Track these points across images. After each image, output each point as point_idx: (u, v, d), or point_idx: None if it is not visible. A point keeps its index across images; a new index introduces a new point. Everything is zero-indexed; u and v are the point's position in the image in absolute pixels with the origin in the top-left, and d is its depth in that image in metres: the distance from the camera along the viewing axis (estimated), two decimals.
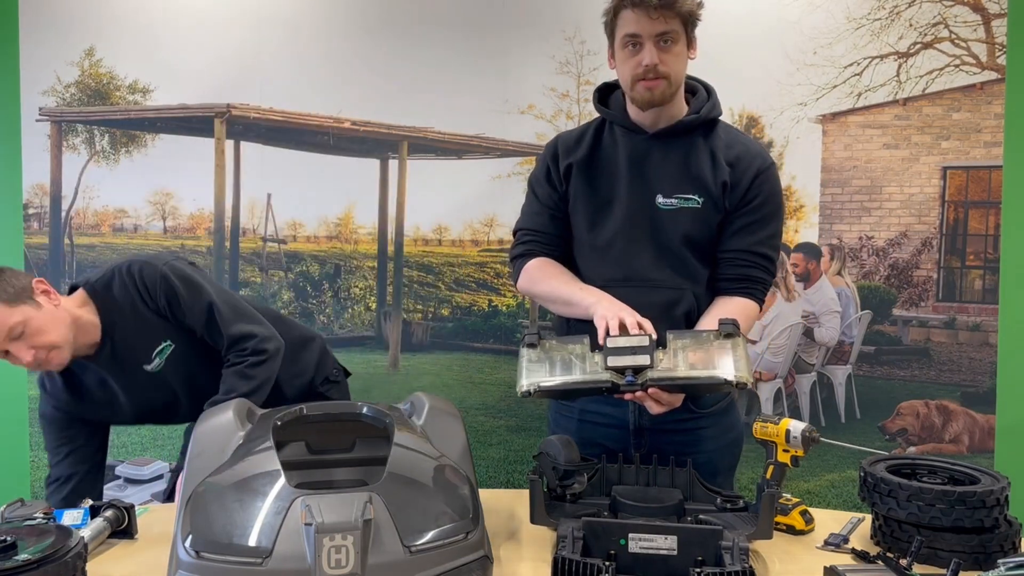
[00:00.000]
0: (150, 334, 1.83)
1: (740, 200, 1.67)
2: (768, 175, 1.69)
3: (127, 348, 1.83)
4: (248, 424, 1.43)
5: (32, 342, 1.68)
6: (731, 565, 1.21)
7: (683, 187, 1.68)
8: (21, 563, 1.08)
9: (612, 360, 1.42)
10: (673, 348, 1.44)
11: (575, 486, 1.46)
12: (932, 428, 3.01)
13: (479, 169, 3.10)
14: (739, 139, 1.73)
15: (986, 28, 2.90)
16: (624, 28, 1.62)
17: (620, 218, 1.70)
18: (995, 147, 2.93)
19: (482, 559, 1.22)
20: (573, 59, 3.00)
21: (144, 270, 1.80)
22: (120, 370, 1.85)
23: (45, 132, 3.05)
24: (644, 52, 1.60)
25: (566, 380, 1.44)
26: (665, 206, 1.68)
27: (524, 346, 1.49)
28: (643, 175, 1.70)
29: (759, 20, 2.90)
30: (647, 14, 1.57)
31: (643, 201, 1.69)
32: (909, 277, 3.01)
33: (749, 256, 1.69)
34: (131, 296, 1.80)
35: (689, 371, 1.41)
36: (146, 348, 1.84)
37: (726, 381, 1.38)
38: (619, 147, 1.73)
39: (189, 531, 1.15)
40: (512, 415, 3.11)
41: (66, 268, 3.09)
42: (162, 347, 1.83)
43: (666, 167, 1.69)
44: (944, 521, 1.34)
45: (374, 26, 3.02)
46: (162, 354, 1.84)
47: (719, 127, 1.73)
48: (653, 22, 1.58)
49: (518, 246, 1.81)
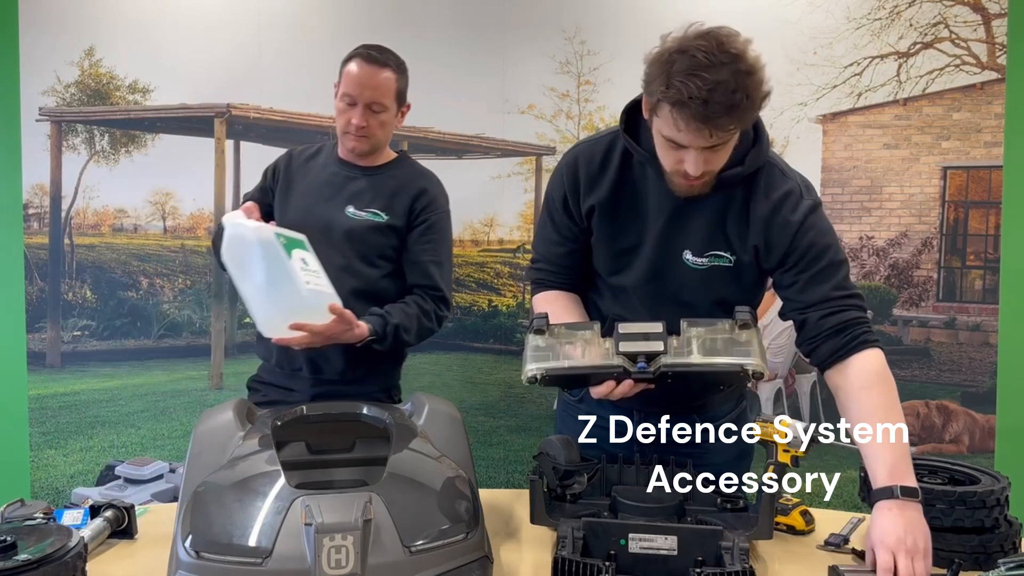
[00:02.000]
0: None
1: (788, 256, 1.47)
2: (811, 223, 1.46)
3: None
4: (248, 424, 1.43)
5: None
6: (731, 565, 1.21)
7: (714, 243, 1.50)
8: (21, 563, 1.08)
9: (624, 346, 1.38)
10: (687, 336, 1.39)
11: (575, 486, 1.46)
12: (932, 428, 3.00)
13: (479, 169, 3.10)
14: (779, 186, 1.48)
15: (986, 28, 2.90)
16: (665, 129, 1.34)
17: (643, 269, 1.54)
18: (995, 147, 2.92)
19: (482, 559, 1.22)
20: (573, 59, 3.00)
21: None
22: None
23: (45, 132, 3.05)
24: (687, 158, 1.36)
25: (574, 365, 1.39)
26: (694, 265, 1.51)
27: (531, 332, 1.43)
28: (672, 227, 1.51)
29: (759, 20, 2.90)
30: (699, 133, 1.29)
31: (670, 255, 1.52)
32: (909, 277, 3.01)
33: (835, 302, 1.45)
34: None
35: (704, 358, 1.37)
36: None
37: (742, 368, 1.34)
38: (649, 187, 1.51)
39: (189, 531, 1.15)
40: (512, 415, 3.11)
41: (66, 268, 3.09)
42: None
43: (698, 221, 1.50)
44: (944, 521, 1.34)
45: (374, 26, 3.02)
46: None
47: (763, 168, 1.49)
48: (706, 140, 1.31)
49: (533, 272, 1.69)
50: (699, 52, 1.26)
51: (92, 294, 3.09)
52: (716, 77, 1.24)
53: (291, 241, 1.70)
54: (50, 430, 3.06)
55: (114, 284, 3.10)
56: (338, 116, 1.88)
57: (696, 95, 1.24)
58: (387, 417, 1.48)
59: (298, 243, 1.71)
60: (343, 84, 1.86)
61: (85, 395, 3.10)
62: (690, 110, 1.26)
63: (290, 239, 1.70)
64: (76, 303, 3.09)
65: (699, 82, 1.24)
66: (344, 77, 1.86)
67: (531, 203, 3.10)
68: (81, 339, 3.09)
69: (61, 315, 3.08)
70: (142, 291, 3.11)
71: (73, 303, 3.09)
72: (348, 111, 1.85)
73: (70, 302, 3.08)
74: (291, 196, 1.96)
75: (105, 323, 3.10)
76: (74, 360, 3.10)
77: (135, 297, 3.11)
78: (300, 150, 2.03)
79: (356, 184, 1.93)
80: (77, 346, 3.09)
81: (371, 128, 1.86)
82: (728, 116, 1.27)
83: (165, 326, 3.11)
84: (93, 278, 3.09)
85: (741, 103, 1.27)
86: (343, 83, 1.86)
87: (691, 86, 1.24)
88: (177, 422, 3.07)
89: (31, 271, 3.08)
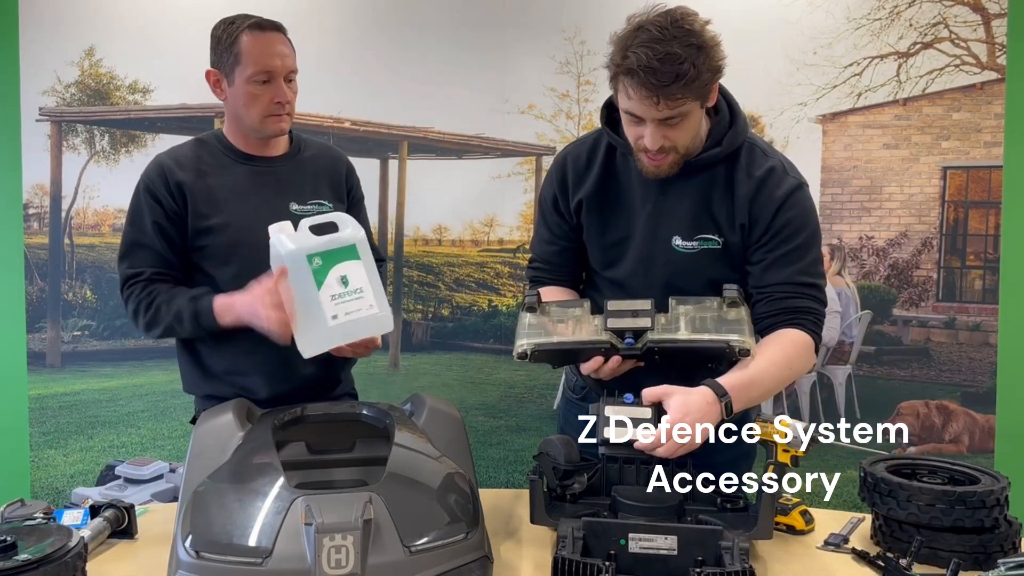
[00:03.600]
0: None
1: (765, 232, 1.49)
2: (794, 200, 1.48)
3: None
4: (248, 424, 1.43)
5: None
6: (731, 565, 1.21)
7: (702, 227, 1.51)
8: (21, 563, 1.08)
9: (612, 322, 1.40)
10: (675, 313, 1.42)
11: (575, 486, 1.46)
12: (932, 428, 3.01)
13: (479, 169, 3.10)
14: (762, 161, 1.51)
15: (986, 28, 2.90)
16: (622, 101, 1.39)
17: (635, 259, 1.56)
18: (995, 147, 2.92)
19: (482, 559, 1.22)
20: (573, 59, 3.00)
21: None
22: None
23: (45, 132, 3.05)
24: (646, 133, 1.39)
25: (563, 340, 1.42)
26: (684, 249, 1.52)
27: (523, 309, 1.46)
28: (659, 214, 1.53)
29: (759, 20, 2.90)
30: (649, 99, 1.34)
31: (659, 242, 1.54)
32: (909, 277, 3.01)
33: (792, 287, 1.48)
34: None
35: (691, 335, 1.39)
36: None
37: (728, 345, 1.36)
38: (632, 177, 1.55)
39: (189, 531, 1.15)
40: (512, 415, 3.11)
41: (66, 268, 3.09)
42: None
43: (683, 205, 1.52)
44: (944, 521, 1.34)
45: (374, 27, 3.02)
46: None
47: (742, 149, 1.52)
48: (656, 109, 1.35)
49: (530, 271, 1.74)
50: (654, 27, 1.33)
51: (92, 294, 3.09)
52: (666, 49, 1.31)
53: (331, 256, 1.52)
54: (50, 430, 3.06)
55: (114, 284, 3.08)
56: (249, 101, 1.65)
57: (645, 63, 1.30)
58: (387, 417, 1.48)
59: (343, 255, 1.53)
60: (249, 63, 1.63)
61: (85, 395, 3.10)
62: (639, 78, 1.32)
63: (330, 254, 1.52)
64: (76, 303, 3.09)
65: (650, 52, 1.30)
66: (246, 55, 1.63)
67: (531, 203, 3.10)
68: (81, 339, 3.09)
69: (61, 315, 3.08)
70: None
71: (73, 303, 3.09)
72: (265, 90, 1.64)
73: (70, 302, 3.09)
74: (215, 215, 1.69)
75: (105, 323, 3.10)
76: (74, 360, 3.10)
77: None
78: (170, 164, 1.72)
79: (283, 176, 1.75)
80: (77, 346, 3.09)
81: (292, 103, 1.69)
82: (675, 84, 1.31)
83: None
84: (93, 278, 3.10)
85: (688, 73, 1.31)
86: (247, 62, 1.63)
87: (641, 55, 1.31)
88: (177, 422, 3.07)
89: (31, 271, 3.08)
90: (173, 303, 1.64)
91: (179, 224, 1.69)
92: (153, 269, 1.69)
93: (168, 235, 1.69)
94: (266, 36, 1.66)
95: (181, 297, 1.64)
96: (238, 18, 1.67)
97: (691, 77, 1.32)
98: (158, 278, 1.69)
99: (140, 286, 1.68)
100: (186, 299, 1.63)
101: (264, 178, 1.74)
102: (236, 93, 1.67)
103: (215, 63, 1.70)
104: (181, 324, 1.63)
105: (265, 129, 1.70)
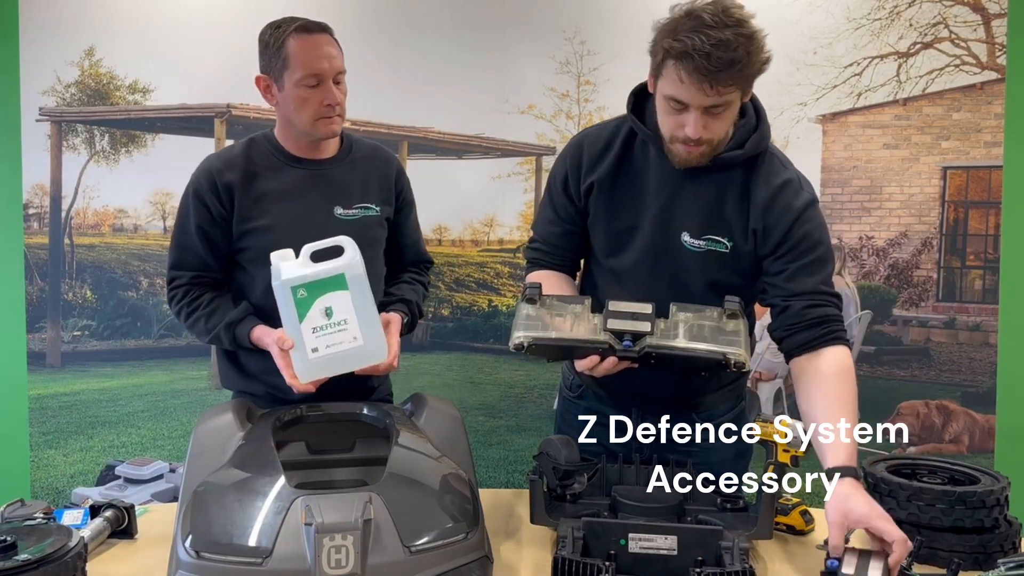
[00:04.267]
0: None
1: (783, 243, 1.50)
2: (811, 214, 1.50)
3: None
4: (248, 424, 1.43)
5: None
6: (731, 565, 1.21)
7: (712, 227, 1.52)
8: (21, 563, 1.08)
9: (612, 323, 1.39)
10: (675, 319, 1.41)
11: (575, 486, 1.46)
12: (932, 428, 3.00)
13: (479, 169, 3.10)
14: (779, 172, 1.52)
15: (986, 28, 2.90)
16: (670, 88, 1.39)
17: (640, 250, 1.57)
18: (995, 147, 2.92)
19: (482, 559, 1.22)
20: (573, 59, 3.00)
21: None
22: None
23: (45, 132, 3.05)
24: (688, 120, 1.40)
25: (561, 336, 1.41)
26: (692, 247, 1.53)
27: (523, 300, 1.45)
28: (671, 208, 1.54)
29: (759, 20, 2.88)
30: (701, 87, 1.35)
31: (668, 237, 1.54)
32: (909, 277, 3.01)
33: (819, 296, 1.49)
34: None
35: (688, 343, 1.38)
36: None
37: (724, 357, 1.35)
38: (650, 167, 1.55)
39: (189, 531, 1.15)
40: (512, 415, 3.11)
41: (66, 268, 3.09)
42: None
43: (697, 202, 1.53)
44: (944, 521, 1.35)
45: (374, 27, 3.02)
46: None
47: (763, 156, 1.53)
48: (706, 96, 1.36)
49: (529, 251, 1.73)
50: (705, 14, 1.34)
51: (92, 294, 3.09)
52: (719, 35, 1.32)
53: (316, 287, 1.49)
54: (50, 430, 3.06)
55: (114, 284, 3.10)
56: (300, 105, 1.64)
57: (700, 48, 1.31)
58: (387, 417, 1.48)
59: (329, 285, 1.50)
60: (297, 67, 1.62)
61: (85, 395, 3.10)
62: (693, 62, 1.32)
63: (316, 284, 1.49)
64: (76, 303, 3.09)
65: (703, 37, 1.32)
66: (294, 59, 1.62)
67: (531, 203, 3.10)
68: (81, 339, 3.09)
69: (61, 315, 3.08)
70: (142, 291, 3.11)
71: (73, 303, 3.09)
72: (314, 93, 1.63)
73: (70, 302, 3.09)
74: (260, 217, 1.69)
75: (105, 323, 3.10)
76: (74, 360, 3.10)
77: (135, 297, 3.11)
78: (219, 166, 1.72)
79: (331, 180, 1.74)
80: (77, 346, 3.09)
81: (343, 104, 1.68)
82: (728, 71, 1.33)
83: (165, 326, 3.11)
84: (93, 278, 3.10)
85: (742, 60, 1.34)
86: (296, 65, 1.62)
87: (696, 40, 1.32)
88: (177, 422, 3.08)
89: (31, 271, 3.08)
90: (212, 319, 1.69)
91: (224, 227, 1.71)
92: (193, 273, 1.73)
93: (211, 240, 1.71)
94: (313, 38, 1.64)
95: (219, 315, 1.69)
96: (284, 21, 1.66)
97: (744, 65, 1.35)
98: (198, 282, 1.73)
99: (181, 291, 1.73)
100: (224, 324, 1.67)
101: (312, 181, 1.73)
102: (286, 97, 1.66)
103: (264, 68, 1.69)
104: (220, 343, 1.71)
105: (317, 132, 1.69)
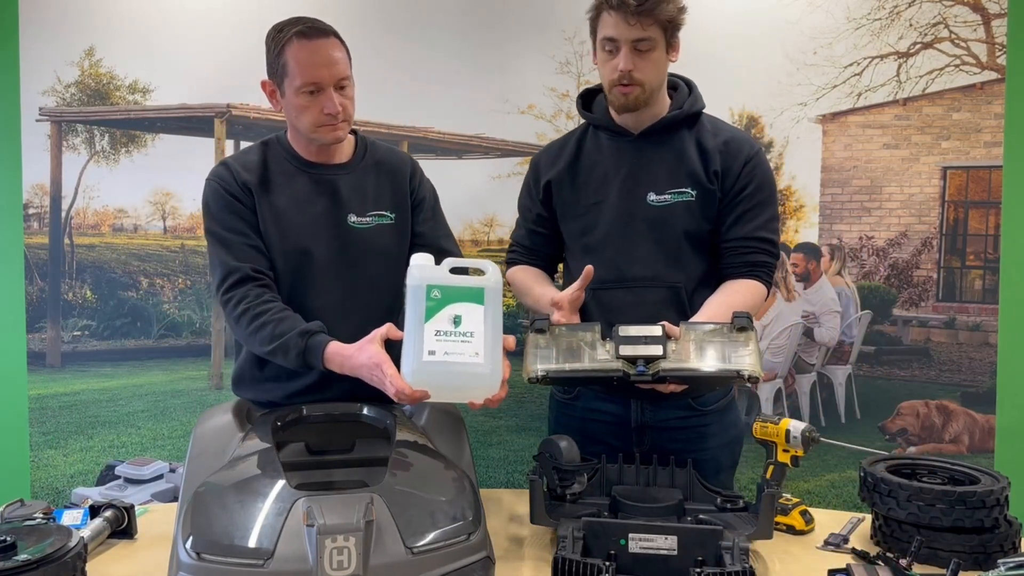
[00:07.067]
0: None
1: (733, 187, 1.70)
2: (758, 160, 1.72)
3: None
4: (248, 424, 1.43)
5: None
6: (731, 565, 1.21)
7: (675, 182, 1.70)
8: (21, 563, 1.08)
9: (624, 349, 1.41)
10: (686, 339, 1.43)
11: (575, 486, 1.46)
12: (932, 428, 3.01)
13: (479, 169, 3.09)
14: (724, 128, 1.77)
15: (986, 28, 2.90)
16: (603, 31, 1.66)
17: (610, 219, 1.72)
18: (995, 147, 2.92)
19: (484, 560, 1.22)
20: (573, 59, 3.00)
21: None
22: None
23: (45, 132, 3.05)
24: (619, 57, 1.63)
25: (576, 368, 1.43)
26: (659, 203, 1.70)
27: (532, 331, 1.47)
28: (633, 176, 1.72)
29: (759, 20, 2.90)
30: (625, 19, 1.60)
31: (634, 201, 1.71)
32: (909, 277, 3.01)
33: (752, 242, 1.71)
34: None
35: (701, 363, 1.41)
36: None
37: (739, 374, 1.37)
38: (604, 151, 1.76)
39: (190, 532, 1.15)
40: (512, 415, 3.11)
41: (66, 268, 3.09)
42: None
43: (656, 165, 1.72)
44: (944, 521, 1.35)
45: (373, 27, 3.02)
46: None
47: (703, 119, 1.76)
48: (630, 28, 1.60)
49: (508, 253, 1.95)
50: None
51: (92, 294, 3.09)
52: None
53: (452, 293, 1.40)
54: (50, 430, 3.06)
55: (114, 284, 3.10)
56: (299, 112, 1.60)
57: None
58: (387, 417, 1.48)
59: (465, 295, 1.40)
60: (296, 74, 1.57)
61: (85, 395, 3.10)
62: (615, 3, 1.60)
63: (452, 291, 1.40)
64: (76, 303, 3.09)
65: None
66: (292, 66, 1.57)
67: None
68: (81, 339, 3.09)
69: (61, 315, 3.08)
70: (142, 291, 3.11)
71: (73, 303, 3.09)
72: (314, 101, 1.58)
73: (70, 302, 3.08)
74: (272, 224, 1.66)
75: (105, 323, 3.09)
76: (74, 360, 3.09)
77: (135, 297, 3.11)
78: (236, 166, 1.69)
79: (344, 186, 1.70)
80: (77, 346, 3.09)
81: (347, 110, 1.63)
82: (645, 5, 1.58)
83: (165, 326, 3.11)
84: (93, 278, 3.09)
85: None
86: (294, 73, 1.57)
87: None
88: (177, 422, 3.07)
89: (31, 271, 3.08)
90: (282, 325, 1.53)
91: (253, 220, 1.65)
92: (250, 266, 1.60)
93: (251, 226, 1.63)
94: (313, 44, 1.58)
95: (290, 323, 1.54)
96: (287, 24, 1.61)
97: (657, 1, 1.59)
98: (258, 278, 1.60)
99: (243, 290, 1.58)
100: (296, 333, 1.51)
101: (324, 187, 1.69)
102: (288, 104, 1.63)
103: (269, 73, 1.66)
104: (286, 354, 1.52)
105: (319, 138, 1.65)
